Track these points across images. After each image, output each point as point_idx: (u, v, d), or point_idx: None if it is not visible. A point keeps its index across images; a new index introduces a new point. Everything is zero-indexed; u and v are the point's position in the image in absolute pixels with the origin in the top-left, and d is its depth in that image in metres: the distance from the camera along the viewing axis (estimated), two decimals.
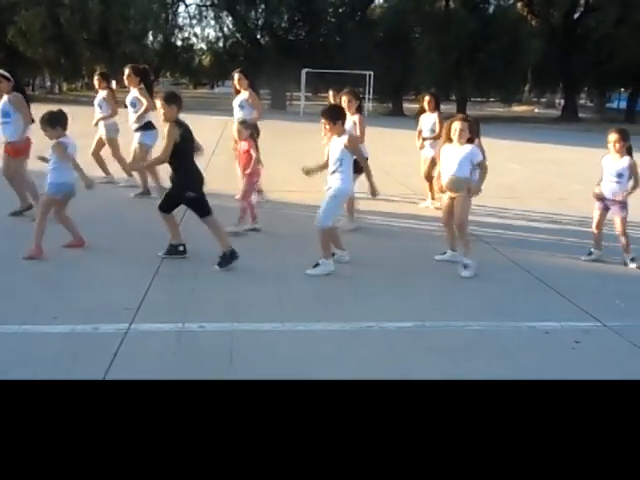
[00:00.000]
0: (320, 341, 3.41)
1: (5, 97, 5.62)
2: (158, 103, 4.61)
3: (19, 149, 5.61)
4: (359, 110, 5.93)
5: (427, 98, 7.02)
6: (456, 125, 4.66)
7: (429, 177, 6.80)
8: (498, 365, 3.23)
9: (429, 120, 6.93)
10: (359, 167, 4.87)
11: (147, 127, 6.81)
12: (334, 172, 4.60)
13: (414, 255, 5.21)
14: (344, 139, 4.53)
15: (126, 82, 6.99)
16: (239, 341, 3.33)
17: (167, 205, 4.71)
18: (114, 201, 6.70)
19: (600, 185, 5.06)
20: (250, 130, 5.59)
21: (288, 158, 6.51)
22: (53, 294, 3.91)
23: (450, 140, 4.75)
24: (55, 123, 4.74)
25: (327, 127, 4.65)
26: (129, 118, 6.88)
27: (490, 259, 5.17)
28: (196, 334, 3.41)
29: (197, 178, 4.66)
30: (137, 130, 6.82)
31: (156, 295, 3.96)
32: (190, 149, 4.63)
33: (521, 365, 3.24)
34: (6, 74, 5.74)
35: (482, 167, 4.74)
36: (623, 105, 34.65)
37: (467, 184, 4.70)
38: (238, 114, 6.58)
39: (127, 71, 6.89)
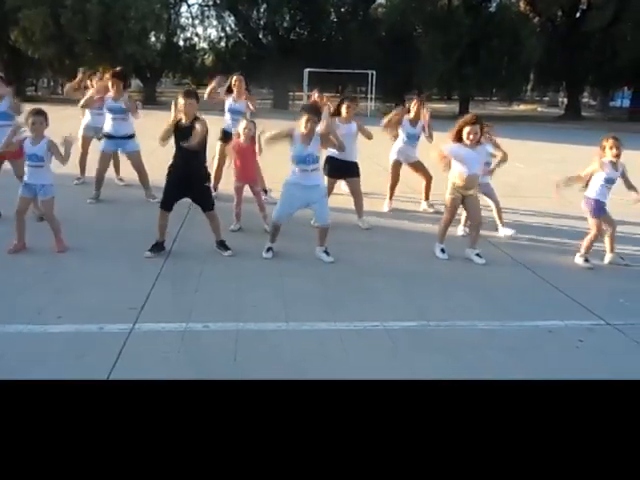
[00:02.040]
0: (325, 341, 3.41)
1: (6, 100, 5.56)
2: (180, 100, 4.65)
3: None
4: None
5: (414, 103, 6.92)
6: (476, 129, 4.86)
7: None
8: (503, 364, 3.23)
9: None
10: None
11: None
12: (316, 170, 4.82)
13: (417, 254, 5.22)
14: (318, 135, 4.74)
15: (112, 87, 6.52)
16: (243, 341, 3.33)
17: (171, 201, 4.79)
18: (116, 201, 6.71)
19: (596, 191, 5.06)
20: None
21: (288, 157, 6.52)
22: (58, 294, 3.93)
23: (460, 140, 4.90)
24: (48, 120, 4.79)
25: (309, 124, 4.67)
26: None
27: (494, 258, 5.17)
28: (200, 334, 3.42)
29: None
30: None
31: (160, 295, 3.97)
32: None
33: (525, 364, 3.23)
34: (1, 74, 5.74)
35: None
36: (626, 103, 34.55)
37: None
38: (239, 116, 6.53)
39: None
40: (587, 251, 5.12)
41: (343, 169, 5.96)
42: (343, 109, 5.90)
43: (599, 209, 5.03)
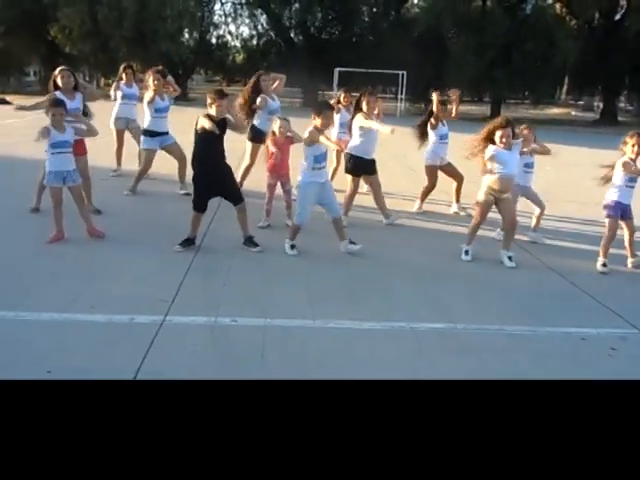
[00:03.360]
0: (351, 339, 3.42)
1: (78, 95, 5.48)
2: (208, 99, 4.70)
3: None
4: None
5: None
6: (508, 132, 4.86)
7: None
8: (531, 370, 3.19)
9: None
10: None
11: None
12: (326, 167, 4.98)
13: (445, 255, 5.18)
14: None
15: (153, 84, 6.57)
16: (271, 336, 3.36)
17: (204, 202, 4.86)
18: (150, 194, 6.82)
19: (616, 193, 5.00)
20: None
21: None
22: (90, 284, 4.01)
23: (492, 142, 4.88)
24: None
25: (325, 121, 4.80)
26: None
27: (524, 263, 5.09)
28: (228, 328, 3.46)
29: None
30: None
31: (190, 288, 4.02)
32: None
33: (555, 371, 3.18)
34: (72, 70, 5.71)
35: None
36: None
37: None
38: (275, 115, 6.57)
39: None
40: (604, 255, 5.03)
41: (365, 166, 5.92)
42: (364, 105, 5.79)
43: (616, 210, 4.98)
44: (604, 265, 5.01)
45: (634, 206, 5.12)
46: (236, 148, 4.97)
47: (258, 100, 6.50)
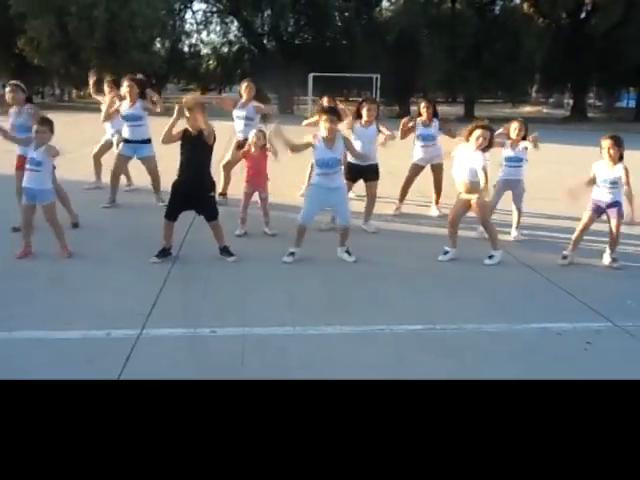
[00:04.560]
0: (331, 345, 3.42)
1: (25, 109, 5.47)
2: (186, 112, 4.60)
3: None
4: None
5: (423, 104, 6.73)
6: (484, 134, 4.86)
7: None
8: (510, 367, 3.22)
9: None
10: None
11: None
12: (338, 172, 4.85)
13: (423, 257, 5.21)
14: (342, 138, 4.86)
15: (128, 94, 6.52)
16: (250, 345, 3.34)
17: (176, 213, 4.78)
18: (126, 207, 6.75)
19: (594, 191, 5.08)
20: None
21: (295, 163, 6.53)
22: (67, 300, 3.95)
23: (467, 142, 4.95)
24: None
25: (332, 126, 4.73)
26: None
27: (502, 261, 5.15)
28: (207, 339, 3.43)
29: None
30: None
31: (167, 300, 3.99)
32: None
33: (534, 367, 3.22)
34: (22, 85, 5.73)
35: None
36: (632, 104, 34.40)
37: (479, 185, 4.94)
38: (255, 123, 6.59)
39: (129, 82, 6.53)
40: (571, 249, 5.16)
41: (363, 172, 5.90)
42: (364, 112, 5.79)
43: (596, 207, 5.06)
44: (564, 257, 5.14)
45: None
46: (215, 152, 4.93)
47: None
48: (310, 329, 3.61)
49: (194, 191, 4.72)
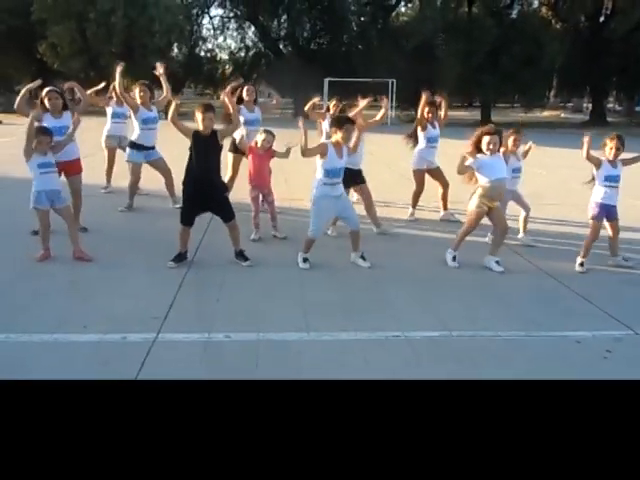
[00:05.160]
0: (346, 351, 3.40)
1: (68, 115, 5.47)
2: (198, 114, 4.63)
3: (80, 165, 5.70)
4: None
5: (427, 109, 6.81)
6: (495, 139, 4.87)
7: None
8: (528, 375, 3.17)
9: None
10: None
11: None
12: (339, 182, 4.86)
13: (437, 262, 5.17)
14: (347, 147, 4.84)
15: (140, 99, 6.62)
16: (265, 351, 3.33)
17: (192, 217, 4.82)
18: (142, 210, 6.80)
19: (597, 192, 5.04)
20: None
21: (311, 167, 6.56)
22: (83, 303, 3.98)
23: (479, 150, 4.91)
24: None
25: (347, 135, 4.73)
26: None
27: (517, 267, 5.10)
28: (222, 344, 3.43)
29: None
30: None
31: (182, 305, 4.00)
32: None
33: (551, 375, 3.16)
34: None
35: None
36: None
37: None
38: (256, 126, 6.60)
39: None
40: (584, 255, 5.08)
41: (353, 178, 5.89)
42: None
43: (600, 212, 5.01)
44: (581, 265, 5.07)
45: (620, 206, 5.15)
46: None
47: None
48: (325, 335, 3.59)
49: (207, 191, 4.73)
